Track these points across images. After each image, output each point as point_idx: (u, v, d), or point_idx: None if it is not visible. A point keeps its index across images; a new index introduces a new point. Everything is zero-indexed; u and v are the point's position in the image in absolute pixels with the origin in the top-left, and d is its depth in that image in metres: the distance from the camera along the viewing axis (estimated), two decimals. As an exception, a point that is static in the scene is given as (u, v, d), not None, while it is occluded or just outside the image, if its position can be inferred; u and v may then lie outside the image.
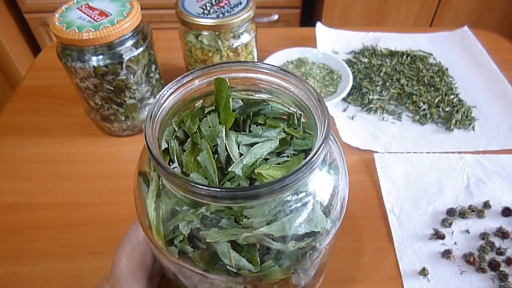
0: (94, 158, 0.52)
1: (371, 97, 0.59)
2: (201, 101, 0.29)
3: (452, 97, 0.59)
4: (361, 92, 0.60)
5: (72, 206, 0.46)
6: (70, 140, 0.54)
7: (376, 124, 0.57)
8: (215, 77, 0.27)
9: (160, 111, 0.25)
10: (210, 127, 0.28)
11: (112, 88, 0.47)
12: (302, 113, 0.29)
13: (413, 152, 0.52)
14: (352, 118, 0.57)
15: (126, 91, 0.48)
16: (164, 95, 0.26)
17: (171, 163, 0.26)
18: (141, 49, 0.47)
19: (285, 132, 0.28)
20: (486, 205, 0.45)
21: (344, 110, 0.59)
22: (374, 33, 0.73)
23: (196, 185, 0.20)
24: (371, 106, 0.58)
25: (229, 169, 0.25)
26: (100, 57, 0.45)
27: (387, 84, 0.62)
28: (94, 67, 0.45)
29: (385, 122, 0.57)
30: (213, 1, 0.51)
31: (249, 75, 0.28)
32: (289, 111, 0.29)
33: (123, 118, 0.51)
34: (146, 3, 1.19)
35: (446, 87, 0.61)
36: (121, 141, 0.54)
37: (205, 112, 0.29)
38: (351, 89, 0.60)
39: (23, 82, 0.64)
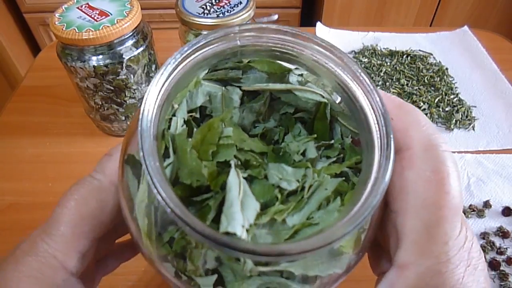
0: (94, 158, 0.52)
1: (371, 97, 0.59)
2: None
3: (452, 97, 0.59)
4: (361, 92, 0.60)
5: (72, 206, 0.46)
6: (70, 140, 0.54)
7: (376, 124, 0.56)
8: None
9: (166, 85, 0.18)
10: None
11: (112, 88, 0.47)
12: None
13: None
14: (352, 118, 0.57)
15: (126, 91, 0.48)
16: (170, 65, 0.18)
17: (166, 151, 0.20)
18: (141, 49, 0.47)
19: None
20: (486, 204, 0.45)
21: (344, 110, 0.59)
22: (374, 33, 0.73)
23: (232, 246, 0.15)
24: (371, 106, 0.58)
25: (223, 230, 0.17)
26: (100, 56, 0.44)
27: (387, 84, 0.62)
28: (94, 66, 0.45)
29: (385, 122, 0.57)
30: (213, 0, 0.51)
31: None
32: (323, 99, 0.22)
33: (123, 118, 0.51)
34: (146, 3, 1.19)
35: (446, 87, 0.61)
36: (121, 141, 0.54)
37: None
38: (351, 89, 0.60)
39: (23, 82, 0.64)
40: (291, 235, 0.19)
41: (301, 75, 0.22)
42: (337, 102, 0.22)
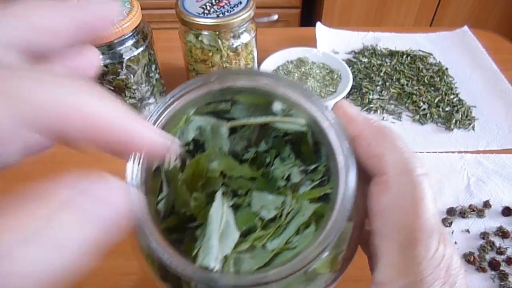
0: (94, 158, 0.52)
1: (371, 97, 0.59)
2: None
3: (452, 97, 0.59)
4: (361, 92, 0.60)
5: (72, 206, 0.46)
6: (70, 140, 0.54)
7: (376, 124, 0.57)
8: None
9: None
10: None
11: (112, 88, 0.48)
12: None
13: (413, 152, 0.52)
14: (352, 118, 0.57)
15: (126, 91, 0.48)
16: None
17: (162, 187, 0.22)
18: (141, 49, 0.47)
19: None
20: (486, 204, 0.45)
21: (344, 110, 0.59)
22: (374, 33, 0.73)
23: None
24: (371, 106, 0.58)
25: (202, 263, 0.19)
26: (100, 56, 0.44)
27: (387, 84, 0.62)
28: (94, 67, 0.45)
29: (385, 122, 0.57)
30: (213, 0, 0.51)
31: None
32: (302, 128, 0.23)
33: (123, 118, 0.51)
34: (146, 3, 1.19)
35: (446, 87, 0.61)
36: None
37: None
38: (351, 89, 0.60)
39: (23, 82, 0.64)
40: (271, 258, 0.20)
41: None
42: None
